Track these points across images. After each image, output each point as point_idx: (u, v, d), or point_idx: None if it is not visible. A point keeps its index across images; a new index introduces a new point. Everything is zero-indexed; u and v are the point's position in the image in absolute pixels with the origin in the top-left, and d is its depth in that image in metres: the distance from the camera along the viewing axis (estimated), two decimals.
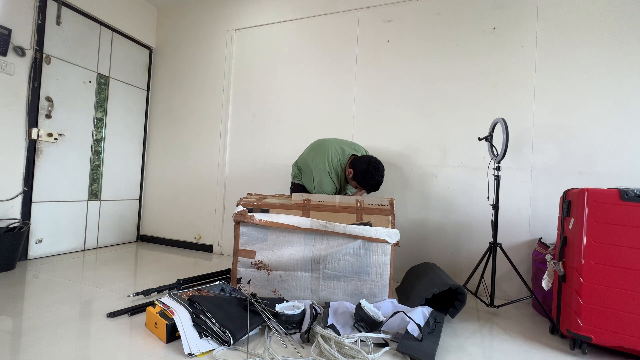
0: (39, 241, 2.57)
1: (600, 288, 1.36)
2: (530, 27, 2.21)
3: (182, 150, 3.29)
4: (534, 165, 2.17)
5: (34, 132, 2.47)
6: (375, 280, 1.68)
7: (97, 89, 2.97)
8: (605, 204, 1.37)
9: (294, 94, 2.87)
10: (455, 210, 2.33)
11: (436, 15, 2.45)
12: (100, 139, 3.02)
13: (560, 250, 1.52)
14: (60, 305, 1.65)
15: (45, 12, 2.56)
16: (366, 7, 2.65)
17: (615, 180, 1.98)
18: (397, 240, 1.72)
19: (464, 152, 2.33)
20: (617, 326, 1.32)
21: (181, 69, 3.36)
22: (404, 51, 2.53)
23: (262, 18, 3.03)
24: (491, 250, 1.83)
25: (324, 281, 1.71)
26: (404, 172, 2.48)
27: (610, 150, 2.02)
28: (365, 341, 1.35)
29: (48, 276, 2.13)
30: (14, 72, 2.37)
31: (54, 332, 1.38)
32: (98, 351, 1.25)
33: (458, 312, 1.63)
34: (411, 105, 2.49)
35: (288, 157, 2.84)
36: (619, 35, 2.03)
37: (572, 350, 1.41)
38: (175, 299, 1.42)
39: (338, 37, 2.74)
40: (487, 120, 2.24)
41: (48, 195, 2.61)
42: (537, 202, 2.14)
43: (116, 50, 3.14)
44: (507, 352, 1.39)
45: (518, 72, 2.23)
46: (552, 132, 2.14)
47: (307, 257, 1.72)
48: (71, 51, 2.75)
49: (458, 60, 2.38)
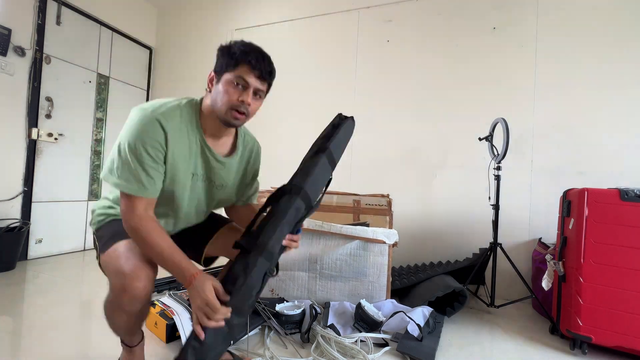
0: (39, 241, 2.57)
1: (600, 288, 1.36)
2: (530, 27, 2.21)
3: None
4: (534, 165, 2.16)
5: (34, 132, 2.47)
6: (372, 281, 1.68)
7: (97, 89, 2.97)
8: (605, 204, 1.37)
9: (293, 93, 2.86)
10: (455, 210, 2.33)
11: (436, 15, 2.45)
12: (100, 139, 3.02)
13: (560, 250, 1.52)
14: (61, 306, 1.65)
15: (45, 12, 2.56)
16: (366, 7, 2.65)
17: (615, 180, 1.98)
18: (395, 240, 1.72)
19: (464, 152, 2.33)
20: (617, 326, 1.32)
21: (181, 69, 3.36)
22: (404, 51, 2.53)
23: (262, 18, 3.03)
24: (491, 250, 1.83)
25: (321, 281, 1.71)
26: (404, 172, 2.48)
27: (610, 150, 2.02)
28: (365, 341, 1.35)
29: (48, 276, 2.12)
30: (14, 72, 2.37)
31: (54, 332, 1.38)
32: (98, 351, 1.25)
33: (456, 312, 1.63)
34: (411, 105, 2.49)
35: (287, 157, 2.84)
36: (619, 34, 2.03)
37: (572, 350, 1.41)
38: (175, 299, 1.42)
39: (338, 37, 2.74)
40: (487, 120, 2.24)
41: (48, 195, 2.61)
42: (537, 202, 2.14)
43: (116, 50, 3.14)
44: (507, 352, 1.39)
45: (518, 72, 2.22)
46: (552, 132, 2.14)
47: (304, 257, 1.72)
48: (71, 51, 2.74)
49: (458, 60, 2.38)
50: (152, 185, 0.86)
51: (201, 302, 0.81)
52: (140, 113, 0.85)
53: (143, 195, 0.85)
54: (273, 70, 0.94)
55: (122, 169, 0.83)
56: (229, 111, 0.88)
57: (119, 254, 0.87)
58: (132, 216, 0.85)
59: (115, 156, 0.84)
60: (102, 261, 0.93)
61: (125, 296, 0.84)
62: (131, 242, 0.90)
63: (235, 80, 0.88)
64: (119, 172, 0.83)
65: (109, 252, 0.90)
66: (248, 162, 1.11)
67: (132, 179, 0.83)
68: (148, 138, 0.83)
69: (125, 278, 0.83)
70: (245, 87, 0.89)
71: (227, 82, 0.88)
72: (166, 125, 0.85)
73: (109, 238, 0.93)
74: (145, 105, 0.87)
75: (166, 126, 0.85)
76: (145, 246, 0.85)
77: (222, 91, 0.88)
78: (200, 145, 0.94)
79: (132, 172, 0.83)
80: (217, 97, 0.89)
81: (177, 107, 0.90)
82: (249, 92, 0.89)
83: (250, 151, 1.11)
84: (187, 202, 0.99)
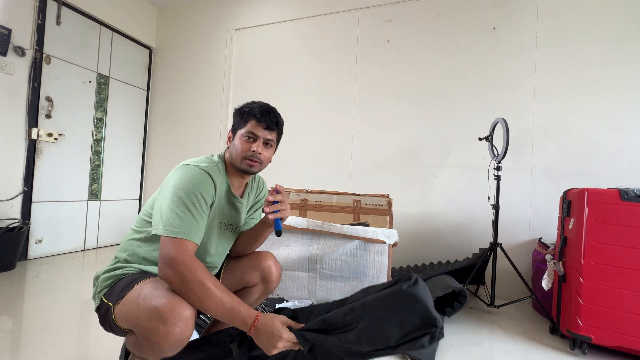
0: (39, 241, 2.57)
1: (600, 288, 1.36)
2: (530, 27, 2.21)
3: (182, 150, 3.29)
4: (534, 165, 2.16)
5: (34, 132, 2.47)
6: (372, 281, 1.68)
7: (97, 89, 2.97)
8: (605, 204, 1.37)
9: (294, 93, 2.86)
10: (455, 210, 2.33)
11: (436, 15, 2.45)
12: (100, 139, 3.02)
13: (560, 250, 1.52)
14: (61, 305, 1.65)
15: (45, 12, 2.56)
16: (366, 7, 2.65)
17: (615, 180, 1.98)
18: (395, 240, 1.72)
19: (464, 152, 2.33)
20: (617, 326, 1.32)
21: (181, 69, 3.36)
22: (404, 51, 2.53)
23: (262, 18, 3.03)
24: (491, 250, 1.83)
25: (321, 281, 1.71)
26: (404, 172, 2.48)
27: (610, 150, 2.02)
28: None
29: (48, 276, 2.13)
30: (14, 72, 2.37)
31: (54, 332, 1.38)
32: (98, 351, 1.25)
33: (456, 312, 1.63)
34: (411, 105, 2.49)
35: (288, 157, 2.84)
36: (619, 35, 2.03)
37: (572, 350, 1.41)
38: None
39: (338, 37, 2.74)
40: (487, 120, 2.24)
41: (48, 195, 2.61)
42: (537, 202, 2.14)
43: (116, 50, 3.14)
44: (507, 352, 1.39)
45: (518, 72, 2.22)
46: (552, 132, 2.14)
47: (304, 257, 1.72)
48: (71, 51, 2.75)
49: (458, 60, 2.38)
50: (200, 231, 0.90)
51: (275, 340, 0.80)
52: (190, 168, 0.93)
53: (194, 239, 0.86)
54: (279, 121, 1.06)
55: (176, 216, 0.85)
56: (243, 161, 1.00)
57: (147, 294, 0.81)
58: (185, 258, 0.81)
59: (166, 207, 0.86)
60: (120, 312, 0.84)
61: (168, 342, 0.76)
62: (156, 280, 0.85)
63: (246, 134, 1.00)
64: (173, 219, 0.84)
65: (131, 298, 0.83)
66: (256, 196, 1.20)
67: (185, 224, 0.85)
68: (203, 188, 0.91)
69: (166, 321, 0.75)
70: (255, 139, 1.00)
71: (240, 137, 1.01)
72: (215, 178, 0.95)
73: (124, 288, 0.87)
74: (189, 162, 0.96)
75: (215, 179, 0.95)
76: (200, 292, 0.79)
77: (237, 145, 1.01)
78: (227, 194, 1.04)
79: (186, 218, 0.86)
80: (234, 150, 1.01)
81: (214, 163, 1.01)
82: (259, 143, 1.01)
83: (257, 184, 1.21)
84: (214, 247, 1.05)
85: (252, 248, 1.16)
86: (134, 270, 0.93)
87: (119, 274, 0.93)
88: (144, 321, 0.78)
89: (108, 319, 0.88)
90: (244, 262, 1.13)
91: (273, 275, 1.14)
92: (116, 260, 0.98)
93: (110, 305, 0.87)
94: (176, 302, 0.78)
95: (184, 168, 0.93)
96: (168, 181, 0.92)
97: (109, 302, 0.88)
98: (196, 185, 0.90)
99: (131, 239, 0.99)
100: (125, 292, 0.85)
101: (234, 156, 1.01)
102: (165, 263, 0.81)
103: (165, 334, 0.76)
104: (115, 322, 0.86)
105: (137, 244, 0.97)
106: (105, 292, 0.92)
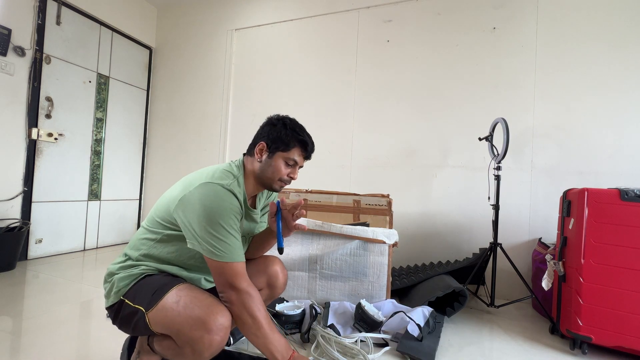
0: (39, 241, 2.57)
1: (600, 288, 1.36)
2: (530, 27, 2.21)
3: (182, 150, 3.29)
4: (534, 165, 2.16)
5: (34, 132, 2.47)
6: (372, 281, 1.68)
7: (97, 89, 2.97)
8: (605, 204, 1.37)
9: (294, 93, 2.86)
10: (455, 210, 2.33)
11: (436, 15, 2.45)
12: (100, 139, 3.02)
13: (560, 250, 1.52)
14: (60, 305, 1.65)
15: (45, 12, 2.56)
16: (366, 7, 2.65)
17: (615, 180, 1.98)
18: (396, 240, 1.72)
19: (464, 152, 2.33)
20: (617, 326, 1.32)
21: (181, 69, 3.36)
22: (404, 51, 2.53)
23: (262, 18, 3.03)
24: (491, 250, 1.83)
25: (321, 281, 1.71)
26: (404, 172, 2.48)
27: (610, 150, 2.02)
28: (365, 341, 1.35)
29: (48, 276, 2.13)
30: (14, 72, 2.37)
31: (54, 332, 1.38)
32: (98, 351, 1.25)
33: (456, 312, 1.63)
34: (411, 105, 2.49)
35: None
36: (619, 35, 2.03)
37: (572, 350, 1.41)
38: None
39: (338, 37, 2.74)
40: (487, 120, 2.24)
41: (48, 195, 2.61)
42: (537, 202, 2.14)
43: (116, 50, 3.14)
44: (507, 352, 1.39)
45: (518, 72, 2.22)
46: (552, 132, 2.14)
47: (304, 257, 1.72)
48: (71, 51, 2.75)
49: (458, 60, 2.38)
50: (242, 249, 0.91)
51: None
52: (212, 187, 0.89)
53: (243, 260, 0.89)
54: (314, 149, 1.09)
55: (219, 240, 0.86)
56: (277, 182, 1.02)
57: (187, 303, 0.84)
58: (241, 283, 0.86)
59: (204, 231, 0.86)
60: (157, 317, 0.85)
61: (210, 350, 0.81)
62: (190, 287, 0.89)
63: (287, 161, 1.02)
64: (217, 242, 0.86)
65: (168, 304, 0.84)
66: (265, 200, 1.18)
67: (231, 248, 0.87)
68: (232, 209, 0.90)
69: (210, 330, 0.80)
70: (294, 165, 1.04)
71: (279, 159, 1.01)
72: (238, 195, 0.94)
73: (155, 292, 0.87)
74: (209, 179, 0.92)
75: (238, 196, 0.94)
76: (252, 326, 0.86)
77: (274, 165, 1.00)
78: (245, 206, 1.02)
79: (228, 241, 0.87)
80: (268, 169, 1.01)
81: (234, 177, 0.98)
82: (296, 169, 1.05)
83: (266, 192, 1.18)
84: None
85: (259, 254, 1.17)
86: (151, 269, 0.94)
87: (137, 273, 0.93)
88: (187, 329, 0.81)
89: (135, 321, 0.88)
90: (251, 266, 1.12)
91: (279, 282, 1.14)
92: (127, 258, 0.98)
93: (141, 309, 0.87)
94: (218, 312, 0.83)
95: (209, 187, 0.90)
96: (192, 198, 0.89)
97: (136, 304, 0.88)
98: (227, 207, 0.89)
99: (144, 238, 0.98)
100: (158, 297, 0.86)
101: (268, 174, 1.01)
102: (226, 286, 0.86)
103: (209, 343, 0.80)
104: (150, 326, 0.86)
105: (151, 244, 0.97)
106: (126, 291, 0.91)
